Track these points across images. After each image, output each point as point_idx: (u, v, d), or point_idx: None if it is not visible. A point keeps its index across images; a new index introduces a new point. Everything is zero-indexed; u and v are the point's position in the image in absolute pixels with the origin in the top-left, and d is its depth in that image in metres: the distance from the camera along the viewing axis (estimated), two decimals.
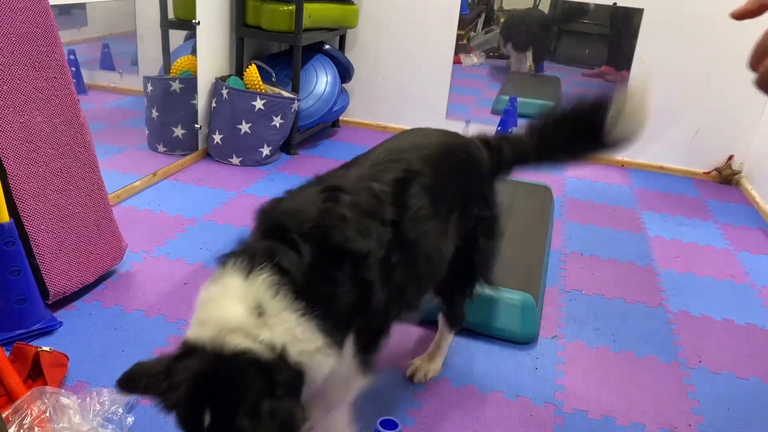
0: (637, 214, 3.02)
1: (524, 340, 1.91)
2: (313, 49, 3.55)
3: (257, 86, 3.15)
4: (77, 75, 4.21)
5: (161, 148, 3.14)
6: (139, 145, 3.20)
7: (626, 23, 3.58)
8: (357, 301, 1.12)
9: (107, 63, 4.49)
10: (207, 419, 0.97)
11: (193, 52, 3.10)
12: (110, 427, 1.41)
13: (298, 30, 3.19)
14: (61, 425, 1.36)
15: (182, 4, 3.24)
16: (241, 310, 1.02)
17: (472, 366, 1.80)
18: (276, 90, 3.25)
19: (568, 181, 3.37)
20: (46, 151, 1.79)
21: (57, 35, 1.82)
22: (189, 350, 1.01)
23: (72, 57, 4.11)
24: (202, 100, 3.17)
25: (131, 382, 1.02)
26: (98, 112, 3.91)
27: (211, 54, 3.18)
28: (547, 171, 2.47)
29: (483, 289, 1.73)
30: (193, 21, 3.00)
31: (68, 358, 1.62)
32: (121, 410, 1.46)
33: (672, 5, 3.36)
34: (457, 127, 3.87)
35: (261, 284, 1.04)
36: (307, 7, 3.21)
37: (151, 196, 2.73)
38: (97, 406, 1.44)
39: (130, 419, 1.47)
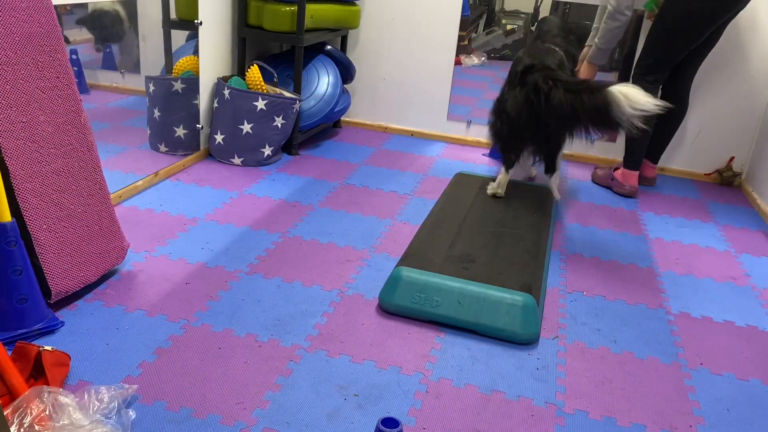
0: (638, 215, 3.02)
1: (525, 341, 1.91)
2: (315, 50, 3.56)
3: (259, 86, 3.16)
4: (80, 75, 4.22)
5: (163, 148, 3.15)
6: (141, 144, 3.20)
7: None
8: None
9: (109, 63, 4.50)
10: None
11: (195, 52, 3.11)
12: (111, 422, 1.42)
13: (300, 30, 3.20)
14: (61, 422, 1.36)
15: (184, 5, 3.25)
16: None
17: (473, 366, 1.80)
18: (278, 90, 3.25)
19: (569, 183, 3.37)
20: (49, 151, 1.80)
21: (60, 35, 1.82)
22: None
23: (74, 57, 4.12)
24: (203, 100, 3.17)
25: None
26: (100, 112, 3.91)
27: (213, 54, 3.19)
28: None
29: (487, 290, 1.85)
30: (195, 21, 3.01)
31: (70, 358, 1.63)
32: (122, 405, 1.46)
33: None
34: (458, 128, 3.89)
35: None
36: (309, 8, 3.22)
37: (153, 196, 2.73)
38: (96, 403, 1.44)
39: (132, 414, 1.47)
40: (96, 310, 1.90)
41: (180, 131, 3.14)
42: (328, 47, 3.59)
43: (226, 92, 3.10)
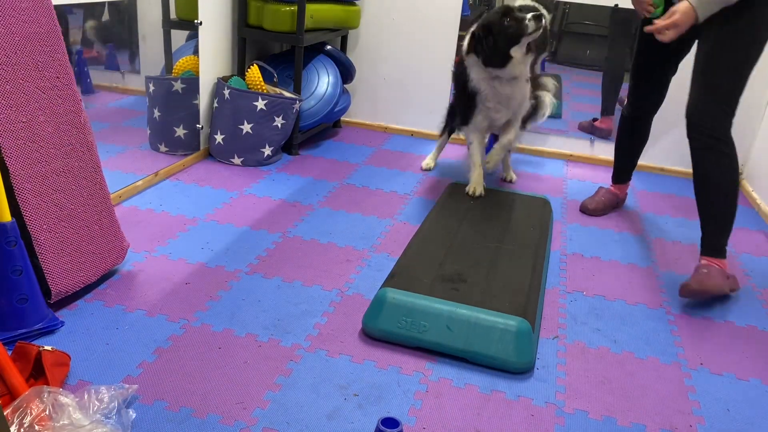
0: (639, 215, 3.02)
1: (519, 370, 1.78)
2: (315, 50, 3.56)
3: (259, 86, 3.16)
4: (86, 74, 4.22)
5: (163, 148, 3.15)
6: (141, 144, 3.20)
7: (625, 25, 3.58)
8: None
9: (111, 63, 4.50)
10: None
11: (195, 52, 3.11)
12: (111, 422, 1.42)
13: (300, 30, 3.20)
14: (61, 422, 1.36)
15: (184, 5, 3.25)
16: None
17: (472, 365, 1.80)
18: (278, 90, 3.25)
19: (569, 183, 3.37)
20: (49, 151, 1.80)
21: (60, 35, 1.82)
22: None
23: (77, 57, 4.12)
24: (203, 100, 3.17)
25: None
26: (100, 112, 3.91)
27: (213, 54, 3.19)
28: None
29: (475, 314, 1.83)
30: (195, 21, 3.01)
31: (70, 358, 1.63)
32: (122, 405, 1.46)
33: None
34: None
35: None
36: (309, 8, 3.22)
37: (153, 196, 2.73)
38: (96, 403, 1.44)
39: (132, 414, 1.47)
40: (96, 310, 1.90)
41: (180, 131, 3.14)
42: (328, 47, 3.59)
43: (226, 92, 3.10)
